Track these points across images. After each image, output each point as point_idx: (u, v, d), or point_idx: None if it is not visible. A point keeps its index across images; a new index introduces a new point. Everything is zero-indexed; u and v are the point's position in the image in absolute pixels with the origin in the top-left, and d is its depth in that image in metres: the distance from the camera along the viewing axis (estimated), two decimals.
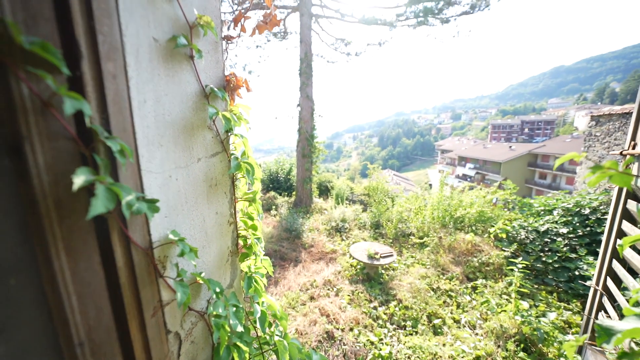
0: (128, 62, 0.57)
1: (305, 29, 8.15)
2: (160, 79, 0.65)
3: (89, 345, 0.52)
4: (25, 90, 0.41)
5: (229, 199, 0.91)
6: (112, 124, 0.53)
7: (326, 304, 3.88)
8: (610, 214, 1.51)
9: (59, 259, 0.46)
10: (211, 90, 0.78)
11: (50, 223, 0.45)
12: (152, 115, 0.63)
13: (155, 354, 0.67)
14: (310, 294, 4.21)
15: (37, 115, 0.42)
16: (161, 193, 0.67)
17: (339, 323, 3.48)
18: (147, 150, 0.62)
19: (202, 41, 0.76)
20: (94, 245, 0.52)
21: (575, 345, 0.71)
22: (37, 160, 0.43)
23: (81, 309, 0.50)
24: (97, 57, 0.51)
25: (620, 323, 0.61)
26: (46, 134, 0.44)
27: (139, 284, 0.62)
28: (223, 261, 0.92)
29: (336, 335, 3.22)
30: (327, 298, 4.09)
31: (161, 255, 0.67)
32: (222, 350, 0.77)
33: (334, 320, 3.56)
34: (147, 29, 0.61)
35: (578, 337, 0.74)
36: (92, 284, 0.52)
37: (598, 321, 0.62)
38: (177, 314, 0.74)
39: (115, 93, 0.54)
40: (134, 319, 0.62)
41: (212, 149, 0.83)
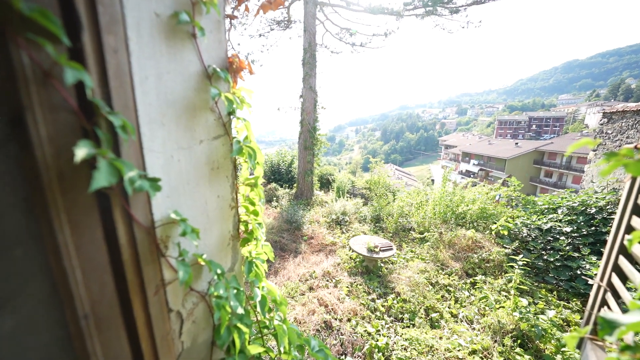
0: (129, 35, 0.56)
1: (309, 17, 7.97)
2: (162, 55, 0.64)
3: (94, 318, 0.53)
4: (26, 59, 0.40)
5: (230, 183, 0.91)
6: (113, 99, 0.53)
7: (325, 294, 3.93)
8: (620, 209, 1.49)
9: (62, 232, 0.46)
10: (214, 71, 0.77)
11: (53, 195, 0.45)
12: (154, 92, 0.62)
13: (158, 331, 0.68)
14: (310, 285, 4.26)
15: (38, 85, 0.41)
16: (163, 173, 0.67)
17: (337, 313, 3.53)
18: (149, 128, 0.62)
19: (204, 19, 0.75)
20: (96, 221, 0.52)
21: (577, 337, 0.71)
22: (39, 132, 0.42)
23: (85, 283, 0.51)
24: (97, 29, 0.50)
25: (624, 316, 0.61)
26: (47, 105, 0.43)
27: (142, 261, 0.62)
28: (224, 245, 0.93)
29: (334, 325, 3.28)
30: (325, 289, 4.14)
31: (163, 234, 0.67)
32: (223, 331, 0.79)
33: (332, 310, 3.61)
34: (148, 2, 0.60)
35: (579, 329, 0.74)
36: (96, 258, 0.53)
37: (602, 314, 0.62)
38: (179, 294, 0.75)
39: (116, 67, 0.53)
40: (136, 296, 0.62)
41: (214, 132, 0.82)
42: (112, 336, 0.58)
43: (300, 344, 1.22)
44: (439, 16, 7.99)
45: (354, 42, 9.92)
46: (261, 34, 10.09)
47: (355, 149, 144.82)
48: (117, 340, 0.59)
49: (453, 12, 7.67)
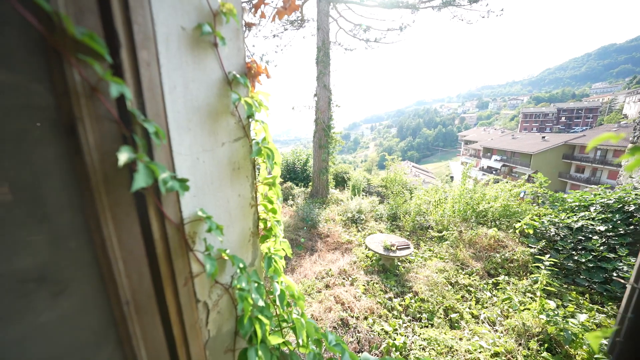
0: (159, 49, 0.61)
1: (322, 15, 7.96)
2: (187, 65, 0.69)
3: (134, 304, 0.59)
4: (77, 76, 0.46)
5: (250, 182, 0.96)
6: (147, 108, 0.59)
7: (341, 292, 3.95)
8: None
9: (107, 227, 0.53)
10: (234, 77, 0.82)
11: (99, 195, 0.51)
12: (182, 100, 0.68)
13: (187, 319, 0.74)
14: (326, 283, 4.29)
15: (87, 98, 0.48)
16: (190, 174, 0.72)
17: (354, 311, 3.53)
18: (178, 133, 0.67)
19: (224, 28, 0.79)
20: (134, 218, 0.59)
21: (601, 336, 0.68)
22: (88, 140, 0.49)
23: (127, 273, 0.57)
24: (133, 45, 0.55)
25: None
26: (94, 116, 0.49)
27: (173, 255, 0.68)
28: (245, 241, 0.98)
29: (350, 323, 3.29)
30: (342, 287, 4.15)
31: (191, 231, 0.73)
32: (246, 321, 0.84)
33: (349, 308, 3.62)
34: (175, 18, 0.65)
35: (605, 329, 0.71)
36: (135, 251, 0.59)
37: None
38: (205, 286, 0.81)
39: (149, 79, 0.59)
40: (168, 287, 0.69)
41: (235, 134, 0.87)
42: (149, 321, 0.64)
43: (318, 337, 1.25)
44: (457, 7, 7.68)
45: (368, 38, 9.78)
46: (275, 34, 10.22)
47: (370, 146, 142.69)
48: (153, 326, 0.65)
49: (472, 2, 7.33)
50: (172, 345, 0.71)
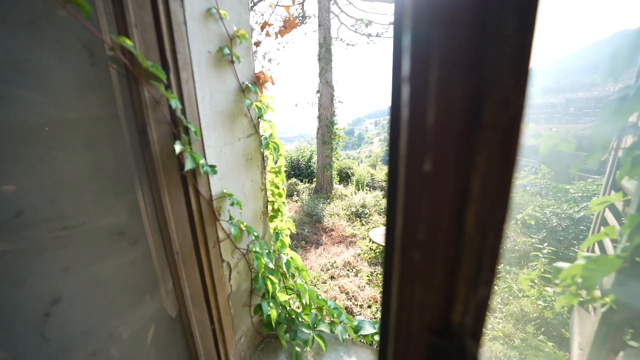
0: (194, 70, 0.83)
1: (323, 11, 8.07)
2: (212, 80, 0.92)
3: (181, 255, 0.83)
4: (147, 93, 0.69)
5: (260, 170, 1.18)
6: (187, 113, 0.81)
7: (345, 282, 4.14)
8: None
9: (165, 197, 0.76)
10: (246, 86, 1.04)
11: (160, 175, 0.74)
12: (209, 106, 0.90)
13: (215, 273, 0.98)
14: (331, 274, 4.49)
15: (152, 109, 0.70)
16: (216, 162, 0.95)
17: (358, 300, 3.72)
18: (207, 131, 0.90)
19: (238, 48, 1.01)
20: (181, 193, 0.82)
21: (528, 278, 0.89)
22: (153, 137, 0.72)
23: (177, 232, 0.80)
24: (177, 69, 0.78)
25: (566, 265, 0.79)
26: (156, 121, 0.72)
27: (205, 223, 0.91)
28: (257, 218, 1.21)
29: (355, 311, 3.48)
30: (346, 278, 4.34)
31: (217, 206, 0.96)
32: (260, 278, 1.07)
33: (353, 297, 3.81)
34: (203, 45, 0.87)
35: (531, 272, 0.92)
36: (181, 217, 0.82)
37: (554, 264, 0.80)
38: (228, 249, 1.04)
39: (188, 92, 0.81)
40: (203, 247, 0.92)
41: (248, 131, 1.09)
42: (191, 270, 0.88)
43: (320, 304, 1.49)
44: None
45: (370, 33, 9.84)
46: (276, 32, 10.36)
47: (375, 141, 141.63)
48: (194, 274, 0.89)
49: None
50: (206, 291, 0.95)
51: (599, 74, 6.40)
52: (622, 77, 0.62)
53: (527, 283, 0.92)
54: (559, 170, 6.15)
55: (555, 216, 4.74)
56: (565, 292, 0.86)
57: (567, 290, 0.86)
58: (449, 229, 0.24)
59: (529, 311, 3.16)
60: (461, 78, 0.21)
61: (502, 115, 0.21)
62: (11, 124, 0.56)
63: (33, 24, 0.56)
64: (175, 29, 0.74)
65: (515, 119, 0.21)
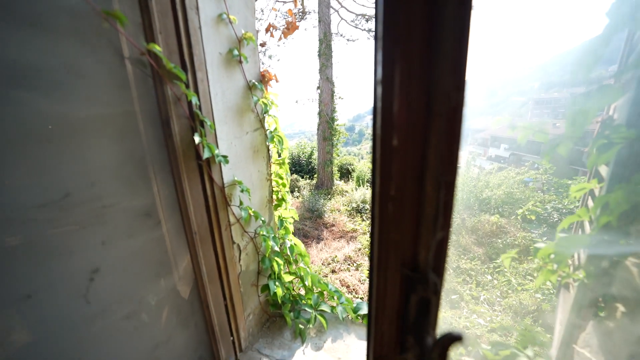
0: (208, 70, 0.93)
1: (323, 7, 8.07)
2: (223, 78, 1.01)
3: (199, 235, 0.93)
4: (170, 92, 0.79)
5: (266, 161, 1.29)
6: (202, 109, 0.91)
7: (346, 276, 4.24)
8: None
9: (184, 182, 0.87)
10: (253, 84, 1.13)
11: (180, 163, 0.85)
12: (221, 103, 1.00)
13: (227, 253, 1.09)
14: (332, 268, 4.58)
15: (174, 105, 0.80)
16: (227, 153, 1.05)
17: (359, 293, 3.82)
18: (219, 125, 1.00)
19: (246, 49, 1.10)
20: (198, 180, 0.92)
21: (509, 256, 0.99)
22: (175, 129, 0.82)
23: (195, 213, 0.91)
24: (194, 69, 0.88)
25: (544, 244, 0.89)
26: (177, 115, 0.82)
27: (218, 208, 1.02)
28: (263, 206, 1.32)
29: None
30: (347, 272, 4.42)
31: (229, 192, 1.07)
32: (267, 258, 1.18)
33: (354, 290, 3.91)
34: (216, 47, 0.97)
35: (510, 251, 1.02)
36: (198, 201, 0.93)
37: (535, 245, 0.90)
38: (238, 233, 1.15)
39: (203, 90, 0.91)
40: (216, 229, 1.03)
41: (255, 126, 1.19)
42: (207, 249, 0.99)
43: (321, 288, 1.60)
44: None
45: (371, 28, 9.83)
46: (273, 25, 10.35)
47: None
48: (209, 253, 1.00)
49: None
50: (219, 269, 1.06)
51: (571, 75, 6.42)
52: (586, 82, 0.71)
53: (508, 261, 1.02)
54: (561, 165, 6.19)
55: (556, 211, 4.79)
56: (542, 268, 0.97)
57: (544, 267, 0.96)
58: (413, 188, 0.34)
59: (527, 304, 3.25)
60: (417, 81, 0.30)
61: (446, 107, 0.31)
62: (63, 118, 0.67)
63: (80, 34, 0.66)
64: (192, 34, 0.84)
65: (456, 109, 0.31)
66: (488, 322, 3.11)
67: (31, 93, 0.63)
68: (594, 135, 0.81)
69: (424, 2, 0.28)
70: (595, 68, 0.70)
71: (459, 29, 0.29)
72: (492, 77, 33.81)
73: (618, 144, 0.74)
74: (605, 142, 0.76)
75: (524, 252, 4.52)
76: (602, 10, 0.60)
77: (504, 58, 66.58)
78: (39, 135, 0.65)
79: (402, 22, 0.29)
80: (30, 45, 0.62)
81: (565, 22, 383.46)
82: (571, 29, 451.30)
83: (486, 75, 11.51)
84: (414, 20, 0.28)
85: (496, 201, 5.95)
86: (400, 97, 0.30)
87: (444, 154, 0.33)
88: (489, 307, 3.48)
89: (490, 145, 41.69)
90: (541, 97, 68.39)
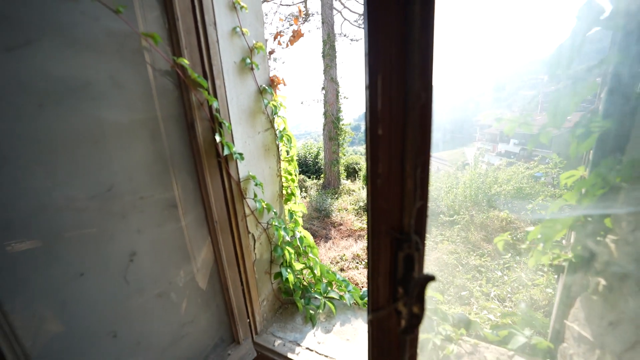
0: (225, 77, 1.05)
1: (326, 8, 8.20)
2: (237, 84, 1.13)
3: (220, 224, 1.05)
4: (194, 97, 0.91)
5: (276, 159, 1.40)
6: (220, 112, 1.03)
7: (355, 274, 4.31)
8: None
9: (207, 177, 0.99)
10: (263, 88, 1.25)
11: (203, 160, 0.97)
12: (236, 106, 1.12)
13: (244, 242, 1.21)
14: (340, 266, 4.66)
15: (198, 109, 0.93)
16: (242, 151, 1.17)
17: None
18: (235, 126, 1.12)
19: (256, 57, 1.22)
20: (218, 175, 1.04)
21: (502, 239, 1.07)
22: (198, 131, 0.94)
23: (215, 205, 1.03)
24: (213, 77, 1.00)
25: (532, 229, 0.97)
26: (200, 118, 0.94)
27: (235, 200, 1.14)
28: (274, 200, 1.43)
29: None
30: (355, 270, 4.49)
31: (244, 187, 1.19)
32: (279, 247, 1.30)
33: (363, 288, 3.97)
34: (231, 57, 1.09)
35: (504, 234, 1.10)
36: (219, 194, 1.05)
37: (526, 229, 0.98)
38: (253, 224, 1.26)
39: (221, 95, 1.03)
40: (233, 220, 1.15)
41: (265, 126, 1.31)
42: (226, 237, 1.11)
43: (330, 279, 1.70)
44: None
45: None
46: (281, 30, 10.55)
47: None
48: (228, 240, 1.12)
49: None
50: (237, 256, 1.18)
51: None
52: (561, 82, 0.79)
53: (502, 244, 1.09)
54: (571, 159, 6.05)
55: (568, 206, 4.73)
56: (532, 249, 1.04)
57: (534, 247, 1.04)
58: (396, 167, 0.44)
59: (538, 299, 3.24)
60: (394, 85, 0.40)
61: (417, 103, 0.40)
62: (107, 123, 0.80)
63: (121, 51, 0.79)
64: (211, 47, 0.96)
65: (425, 105, 0.41)
66: (499, 317, 3.12)
67: (83, 102, 0.76)
68: (572, 125, 0.88)
69: (397, 27, 0.38)
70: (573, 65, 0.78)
71: (424, 46, 0.39)
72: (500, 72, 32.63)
73: (595, 132, 0.82)
74: (583, 131, 0.83)
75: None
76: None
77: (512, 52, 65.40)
78: (88, 137, 0.78)
79: (381, 42, 0.39)
80: (84, 62, 0.75)
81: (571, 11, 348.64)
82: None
83: (494, 70, 11.23)
84: (390, 39, 0.39)
85: (505, 197, 5.89)
86: (383, 98, 0.40)
87: (419, 140, 0.43)
88: (499, 303, 3.47)
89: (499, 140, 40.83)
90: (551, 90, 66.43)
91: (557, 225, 0.90)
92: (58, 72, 0.72)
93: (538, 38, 28.16)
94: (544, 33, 33.43)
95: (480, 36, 65.91)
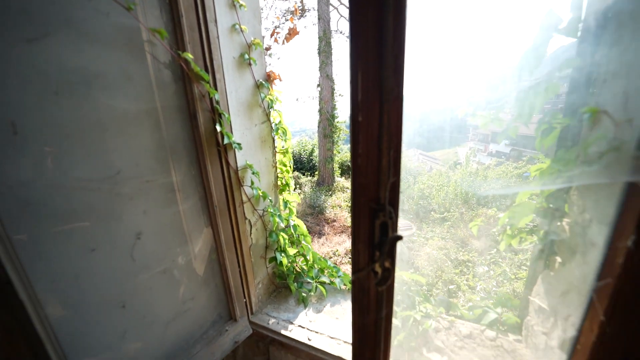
0: (224, 71, 1.13)
1: (322, 4, 8.22)
2: (236, 79, 1.21)
3: (219, 209, 1.14)
4: (197, 90, 0.98)
5: (272, 150, 1.49)
6: (220, 105, 1.11)
7: (347, 269, 4.43)
8: None
9: (207, 165, 1.07)
10: (260, 83, 1.33)
11: (204, 148, 1.05)
12: (235, 99, 1.20)
13: (241, 227, 1.29)
14: (333, 262, 4.78)
15: (200, 100, 1.00)
16: (240, 141, 1.25)
17: None
18: (234, 118, 1.20)
19: (254, 53, 1.30)
20: (218, 163, 1.12)
21: (476, 224, 1.19)
22: (200, 121, 1.02)
23: (215, 190, 1.11)
24: (213, 71, 1.07)
25: (502, 214, 1.08)
26: (202, 109, 1.02)
27: (233, 188, 1.22)
28: (270, 189, 1.52)
29: None
30: (348, 265, 4.61)
31: (242, 175, 1.27)
32: (274, 232, 1.38)
33: None
34: (230, 52, 1.16)
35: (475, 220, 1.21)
36: (218, 180, 1.13)
37: (499, 216, 1.09)
38: (249, 210, 1.35)
39: (221, 88, 1.11)
40: (232, 205, 1.23)
41: (262, 119, 1.39)
42: (225, 221, 1.19)
43: (321, 266, 1.80)
44: None
45: None
46: (276, 25, 10.52)
47: None
48: (227, 224, 1.20)
49: None
50: (234, 239, 1.26)
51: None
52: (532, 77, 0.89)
53: (476, 228, 1.21)
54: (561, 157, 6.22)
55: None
56: (502, 233, 1.16)
57: (504, 232, 1.15)
58: (373, 148, 0.53)
59: (520, 292, 3.42)
60: (372, 80, 0.49)
61: (391, 96, 0.50)
62: (116, 112, 0.87)
63: (129, 45, 0.86)
64: (212, 43, 1.04)
65: (397, 97, 0.50)
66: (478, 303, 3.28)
67: (94, 92, 0.83)
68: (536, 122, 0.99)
69: (374, 33, 0.47)
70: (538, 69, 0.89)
71: (397, 48, 0.48)
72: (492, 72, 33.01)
73: (556, 128, 0.93)
74: (546, 127, 0.95)
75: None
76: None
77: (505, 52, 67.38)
78: (99, 124, 0.85)
79: (361, 46, 0.48)
80: (95, 54, 0.82)
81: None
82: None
83: (486, 71, 11.73)
84: (368, 43, 0.48)
85: (494, 195, 6.09)
86: (362, 90, 0.50)
87: (392, 126, 0.52)
88: (485, 295, 3.64)
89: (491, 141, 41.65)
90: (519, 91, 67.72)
91: (525, 210, 1.01)
92: (72, 63, 0.79)
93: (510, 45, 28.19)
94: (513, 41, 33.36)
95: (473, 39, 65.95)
